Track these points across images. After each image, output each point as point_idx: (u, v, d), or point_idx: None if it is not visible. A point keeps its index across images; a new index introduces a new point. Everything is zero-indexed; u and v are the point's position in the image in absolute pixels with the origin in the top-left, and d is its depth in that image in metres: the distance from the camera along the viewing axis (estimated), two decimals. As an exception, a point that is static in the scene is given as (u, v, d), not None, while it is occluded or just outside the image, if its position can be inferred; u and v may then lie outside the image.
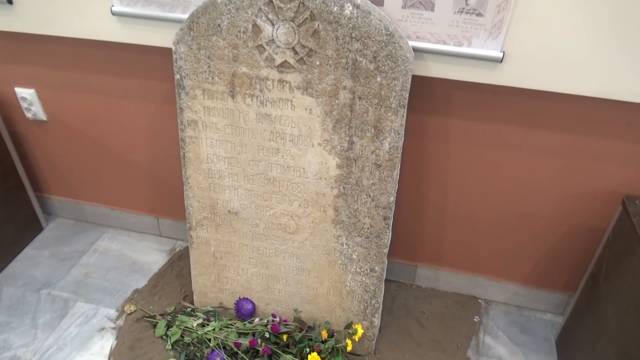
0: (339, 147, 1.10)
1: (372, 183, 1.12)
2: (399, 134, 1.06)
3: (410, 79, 1.01)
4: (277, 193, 1.20)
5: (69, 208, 1.78)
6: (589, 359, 1.19)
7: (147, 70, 1.35)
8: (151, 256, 1.66)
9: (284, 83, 1.07)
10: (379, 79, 1.02)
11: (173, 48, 1.11)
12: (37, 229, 1.73)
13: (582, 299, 1.29)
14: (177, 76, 1.14)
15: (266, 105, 1.11)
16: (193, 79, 1.12)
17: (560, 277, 1.41)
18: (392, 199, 1.13)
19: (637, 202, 1.15)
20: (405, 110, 1.04)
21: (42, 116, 1.55)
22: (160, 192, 1.63)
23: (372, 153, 1.09)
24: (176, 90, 1.15)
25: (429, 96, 1.19)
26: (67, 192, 1.75)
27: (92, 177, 1.67)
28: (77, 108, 1.50)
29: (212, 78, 1.11)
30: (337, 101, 1.06)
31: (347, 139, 1.09)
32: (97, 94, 1.44)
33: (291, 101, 1.09)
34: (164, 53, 1.27)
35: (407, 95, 1.03)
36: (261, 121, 1.13)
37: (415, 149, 1.28)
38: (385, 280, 1.26)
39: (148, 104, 1.42)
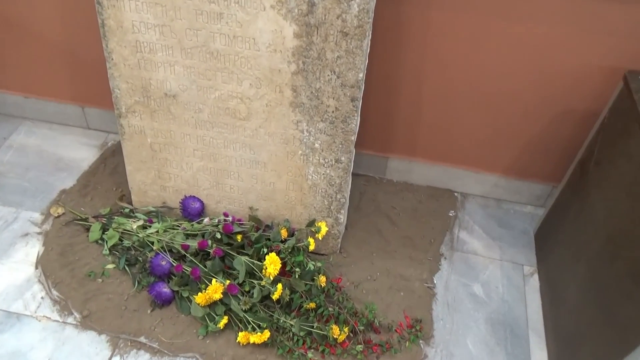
0: (296, 11, 0.95)
1: (338, 56, 0.99)
2: (371, -9, 0.91)
3: None
4: (223, 70, 1.06)
5: (-26, 98, 1.59)
6: (569, 251, 1.17)
7: None
8: (79, 152, 1.52)
9: None
10: None
11: None
12: (-64, 123, 1.50)
13: (567, 188, 1.26)
14: None
15: (201, -51, 0.88)
16: None
17: (544, 167, 1.38)
18: (361, 75, 1.01)
19: (640, 77, 1.05)
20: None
21: None
22: (82, 74, 1.47)
23: (337, 18, 0.94)
24: None
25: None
26: (-31, 79, 1.55)
27: (-2, 59, 1.47)
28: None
29: None
30: (293, -57, 0.85)
31: (307, -2, 0.93)
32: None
33: (233, -57, 0.87)
34: None
35: None
36: (196, -27, 0.91)
37: (388, 16, 1.16)
38: (352, 174, 1.19)
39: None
